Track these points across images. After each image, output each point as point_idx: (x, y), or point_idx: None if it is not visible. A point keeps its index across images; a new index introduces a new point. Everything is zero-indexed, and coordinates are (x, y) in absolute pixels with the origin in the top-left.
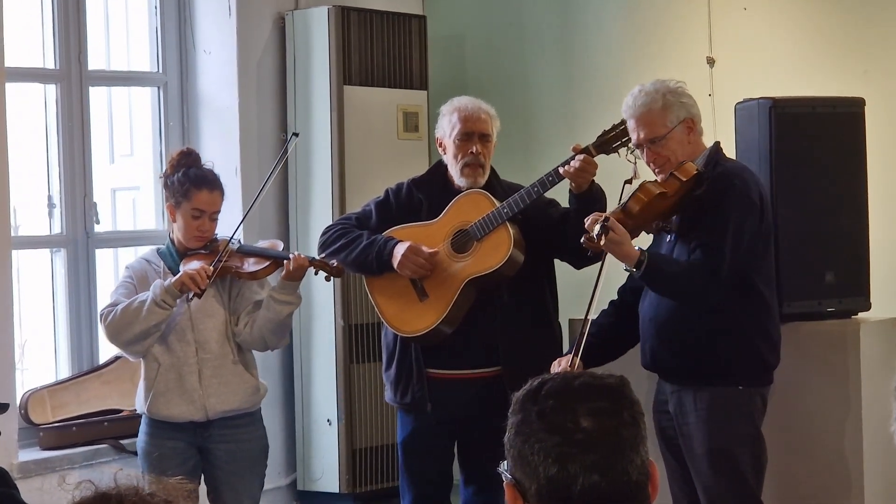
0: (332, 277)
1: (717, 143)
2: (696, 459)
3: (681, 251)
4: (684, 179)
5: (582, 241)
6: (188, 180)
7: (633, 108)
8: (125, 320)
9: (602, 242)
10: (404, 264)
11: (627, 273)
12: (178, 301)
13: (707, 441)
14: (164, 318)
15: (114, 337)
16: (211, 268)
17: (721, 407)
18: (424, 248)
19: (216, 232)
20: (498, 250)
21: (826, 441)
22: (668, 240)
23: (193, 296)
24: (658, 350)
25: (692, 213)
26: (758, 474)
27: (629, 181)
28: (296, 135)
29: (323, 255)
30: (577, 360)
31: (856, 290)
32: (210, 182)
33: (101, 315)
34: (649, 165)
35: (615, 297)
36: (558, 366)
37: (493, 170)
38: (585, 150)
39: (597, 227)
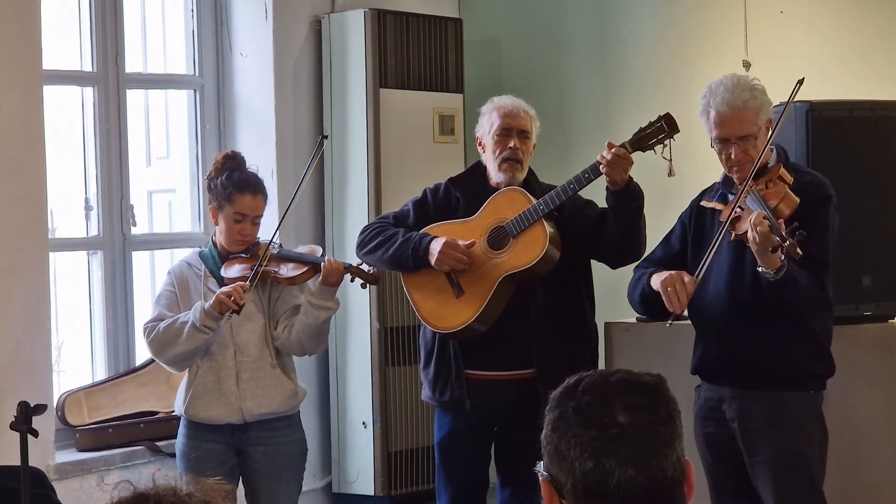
0: (368, 285)
1: (782, 147)
2: (764, 465)
3: None
4: (790, 185)
5: (784, 250)
6: (232, 184)
7: (730, 102)
8: (167, 340)
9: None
10: (442, 259)
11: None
12: (219, 322)
13: (780, 446)
14: (206, 341)
15: (157, 354)
16: (248, 283)
17: (794, 411)
18: (461, 242)
19: (258, 236)
20: (534, 247)
21: (863, 443)
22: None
23: (233, 313)
24: (731, 354)
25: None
26: (823, 475)
27: (755, 190)
28: (325, 136)
29: (360, 253)
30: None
31: (893, 294)
32: (253, 186)
33: (145, 330)
34: (727, 162)
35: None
36: (678, 277)
37: (531, 170)
38: (621, 147)
39: (784, 232)
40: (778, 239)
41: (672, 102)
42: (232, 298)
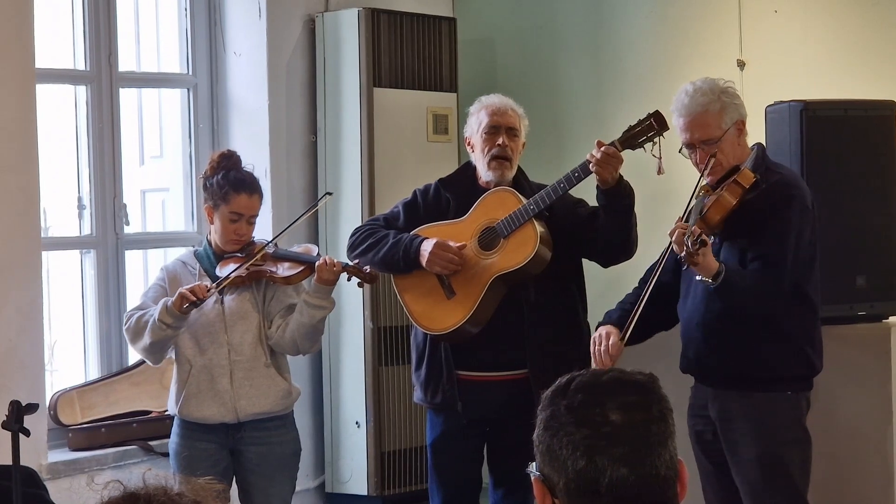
0: (364, 284)
1: (762, 147)
2: (743, 465)
3: (728, 254)
4: (747, 187)
5: (682, 259)
6: (227, 183)
7: (688, 107)
8: (136, 331)
9: (699, 257)
10: (433, 261)
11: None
12: (179, 321)
13: (757, 446)
14: (167, 337)
15: (130, 343)
16: (213, 284)
17: (771, 412)
18: (452, 243)
19: (253, 235)
20: (524, 247)
21: (857, 444)
22: (712, 241)
23: (189, 305)
24: (705, 354)
25: (740, 217)
26: (805, 477)
27: (704, 189)
28: (329, 194)
29: (351, 255)
30: (622, 343)
31: (887, 294)
32: (249, 186)
33: (125, 317)
34: (698, 166)
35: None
36: (606, 337)
37: (521, 169)
38: (611, 146)
39: (691, 241)
40: (684, 248)
41: (666, 102)
42: (193, 292)
